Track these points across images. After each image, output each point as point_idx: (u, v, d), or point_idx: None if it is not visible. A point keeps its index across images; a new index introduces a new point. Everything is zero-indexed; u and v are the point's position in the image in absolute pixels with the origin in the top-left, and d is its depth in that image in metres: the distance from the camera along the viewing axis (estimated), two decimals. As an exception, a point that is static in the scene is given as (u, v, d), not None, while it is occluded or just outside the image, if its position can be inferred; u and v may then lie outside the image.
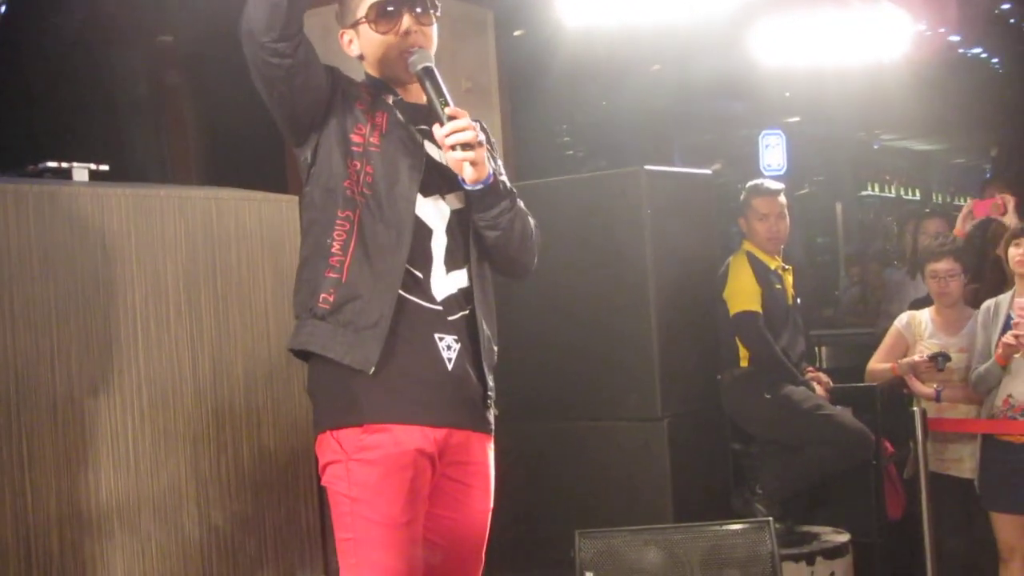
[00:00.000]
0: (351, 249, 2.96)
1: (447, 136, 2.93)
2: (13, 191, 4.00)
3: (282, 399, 4.73)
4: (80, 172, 4.46)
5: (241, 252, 4.67)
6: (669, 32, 7.73)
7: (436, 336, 3.02)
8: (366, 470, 2.94)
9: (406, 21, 3.05)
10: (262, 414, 4.67)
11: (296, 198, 3.95)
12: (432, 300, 3.02)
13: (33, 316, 4.00)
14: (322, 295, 2.97)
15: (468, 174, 2.98)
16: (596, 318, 5.69)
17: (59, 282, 4.08)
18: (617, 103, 12.12)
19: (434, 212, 3.06)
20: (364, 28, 3.08)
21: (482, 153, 2.96)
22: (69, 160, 4.48)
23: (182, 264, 4.46)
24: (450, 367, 3.03)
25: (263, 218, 4.77)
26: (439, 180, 3.08)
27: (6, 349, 3.92)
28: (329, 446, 3.01)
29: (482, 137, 2.98)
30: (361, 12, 3.08)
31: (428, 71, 3.01)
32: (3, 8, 6.42)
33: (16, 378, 3.93)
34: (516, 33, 8.48)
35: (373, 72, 3.16)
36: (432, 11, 3.10)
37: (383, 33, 3.05)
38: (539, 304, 5.55)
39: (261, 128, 7.71)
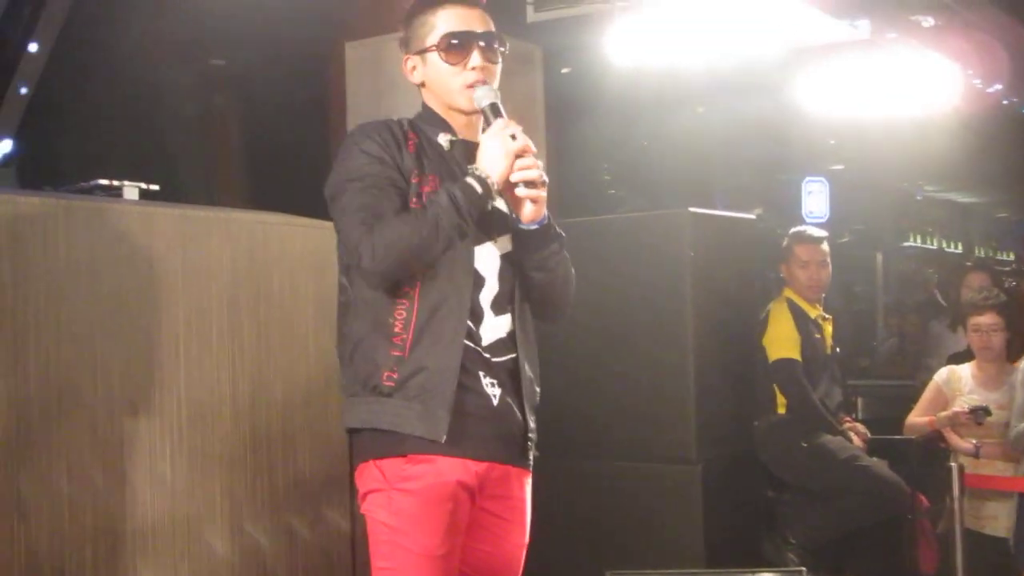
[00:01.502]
0: (413, 324, 2.97)
1: (514, 172, 2.95)
2: (65, 206, 4.04)
3: (318, 424, 4.75)
4: (131, 191, 4.51)
5: (284, 277, 4.71)
6: (716, 75, 7.74)
7: (481, 374, 3.03)
8: (408, 500, 2.95)
9: (475, 56, 3.08)
10: (298, 438, 4.69)
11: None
12: (480, 343, 3.05)
13: (78, 331, 4.03)
14: (386, 373, 2.97)
15: (528, 212, 3.00)
16: (634, 359, 5.68)
17: (105, 298, 4.11)
18: (660, 143, 12.11)
19: (486, 259, 3.07)
20: (432, 56, 3.10)
21: (545, 192, 2.98)
22: (120, 178, 4.53)
23: (226, 286, 4.49)
24: (495, 403, 3.05)
25: (307, 244, 4.80)
26: (489, 225, 3.08)
27: (49, 362, 3.95)
28: (371, 475, 3.02)
29: (546, 177, 2.99)
30: (431, 41, 3.10)
31: (494, 107, 3.03)
32: (35, 47, 6.48)
33: (58, 391, 3.96)
34: (563, 71, 8.50)
35: (432, 102, 3.17)
36: (500, 48, 3.13)
37: (452, 64, 3.07)
38: (577, 342, 5.54)
39: (308, 153, 7.80)
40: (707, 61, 7.16)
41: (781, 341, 5.89)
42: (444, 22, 3.10)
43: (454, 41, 3.08)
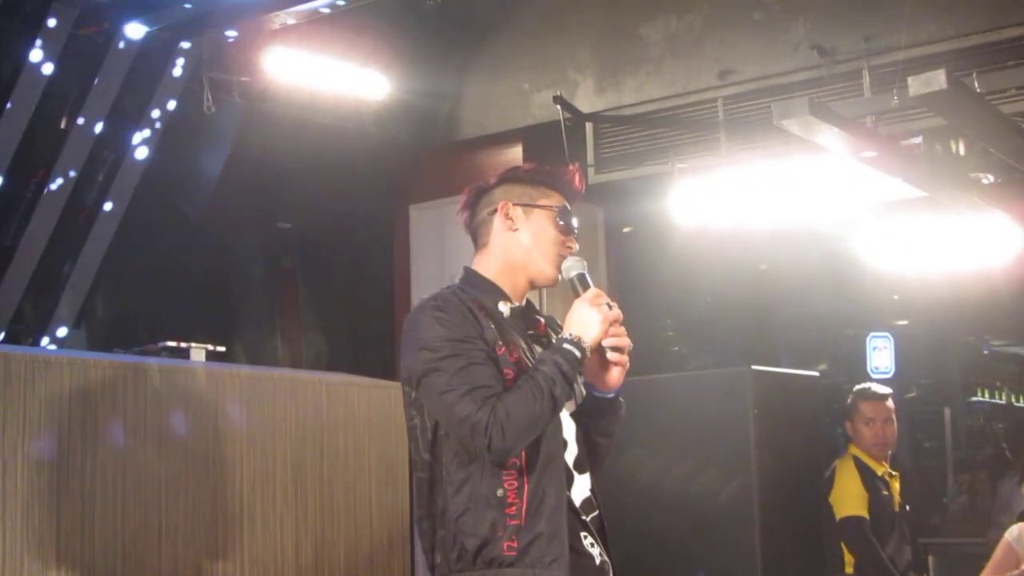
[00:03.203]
0: (526, 493, 3.00)
1: (608, 338, 3.01)
2: (133, 368, 4.11)
3: (381, 585, 4.73)
4: (197, 352, 4.59)
5: (348, 437, 4.74)
6: (778, 233, 7.78)
7: (582, 535, 3.09)
8: None
9: (574, 240, 3.21)
10: (361, 600, 4.67)
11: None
12: (575, 504, 3.09)
13: (144, 492, 4.07)
14: (506, 543, 2.98)
15: (613, 379, 3.08)
16: (699, 518, 5.63)
17: (172, 459, 4.16)
18: (723, 300, 12.13)
19: (564, 422, 3.11)
20: (543, 215, 3.19)
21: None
22: (188, 340, 4.61)
23: (291, 447, 4.53)
24: (597, 561, 3.10)
25: (372, 404, 4.84)
26: None
27: (115, 524, 3.99)
28: None
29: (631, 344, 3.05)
30: (547, 201, 3.20)
31: (582, 277, 3.12)
32: (109, 205, 6.62)
33: (123, 554, 3.99)
34: (625, 230, 8.59)
35: (492, 265, 3.20)
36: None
37: (562, 233, 3.18)
38: (641, 501, 5.51)
39: (371, 314, 7.89)
40: (769, 219, 7.21)
41: (848, 498, 5.81)
42: (559, 200, 3.22)
43: (572, 220, 3.20)
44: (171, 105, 6.59)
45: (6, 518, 3.83)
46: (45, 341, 6.51)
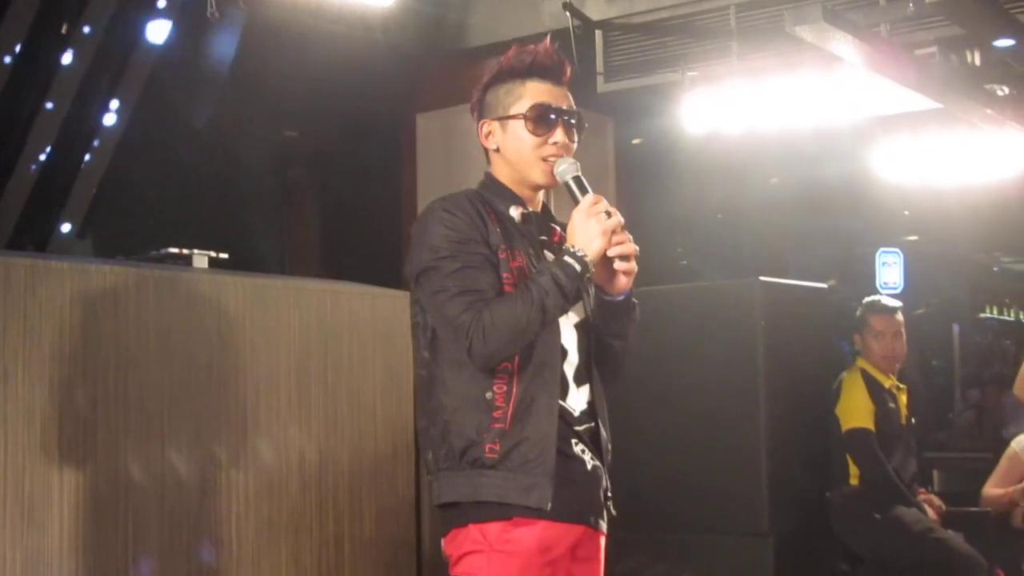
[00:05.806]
0: (513, 397, 2.97)
1: (611, 248, 2.94)
2: (135, 275, 4.08)
3: (386, 492, 4.73)
4: (200, 259, 4.55)
5: (353, 345, 4.71)
6: (789, 146, 7.71)
7: (573, 441, 3.05)
8: (508, 561, 2.94)
9: (559, 132, 3.08)
10: (366, 506, 4.67)
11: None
12: (571, 414, 3.06)
13: (147, 400, 4.06)
14: (488, 445, 2.96)
15: (621, 285, 3.01)
16: (705, 429, 5.62)
17: (174, 367, 4.14)
18: (733, 215, 12.09)
19: (565, 332, 3.07)
20: (514, 125, 3.10)
21: (636, 265, 2.99)
22: (191, 247, 4.57)
23: (295, 355, 4.51)
24: (588, 467, 3.06)
25: (376, 312, 4.81)
26: None
27: (118, 431, 3.98)
28: (470, 537, 3.00)
29: (637, 248, 2.99)
30: (516, 109, 3.09)
31: (579, 181, 3.03)
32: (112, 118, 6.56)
33: (126, 460, 3.99)
34: (635, 141, 8.51)
35: (502, 172, 3.15)
36: (580, 129, 3.12)
37: (535, 135, 3.08)
38: (647, 412, 5.49)
39: (378, 223, 7.86)
40: (780, 131, 7.13)
41: (855, 410, 5.80)
42: (532, 93, 3.10)
43: (542, 114, 3.07)
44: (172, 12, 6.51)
45: (8, 425, 3.82)
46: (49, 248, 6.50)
